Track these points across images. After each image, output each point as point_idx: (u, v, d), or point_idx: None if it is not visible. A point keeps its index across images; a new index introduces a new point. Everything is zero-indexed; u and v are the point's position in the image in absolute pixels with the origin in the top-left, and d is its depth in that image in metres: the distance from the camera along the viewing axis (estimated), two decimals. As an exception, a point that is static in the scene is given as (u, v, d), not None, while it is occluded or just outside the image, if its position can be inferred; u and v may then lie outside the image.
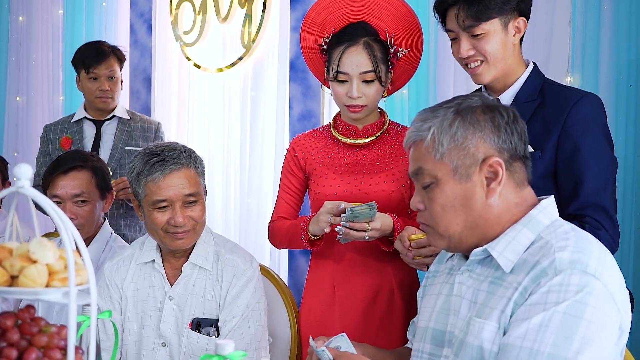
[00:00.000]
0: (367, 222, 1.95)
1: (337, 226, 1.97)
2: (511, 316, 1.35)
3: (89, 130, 3.31)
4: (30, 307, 1.09)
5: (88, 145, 3.27)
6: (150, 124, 3.39)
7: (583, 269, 1.31)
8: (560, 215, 1.49)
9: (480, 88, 2.04)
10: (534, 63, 1.99)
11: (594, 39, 2.64)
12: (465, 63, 1.95)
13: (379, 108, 2.22)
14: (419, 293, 1.69)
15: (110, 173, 2.80)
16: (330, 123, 2.26)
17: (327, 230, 2.02)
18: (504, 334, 1.36)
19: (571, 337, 1.28)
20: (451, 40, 1.97)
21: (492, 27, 1.88)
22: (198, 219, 2.04)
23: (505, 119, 1.43)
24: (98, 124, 3.30)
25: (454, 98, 1.52)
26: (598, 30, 2.63)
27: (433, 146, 1.44)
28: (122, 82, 3.34)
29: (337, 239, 2.03)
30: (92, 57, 3.24)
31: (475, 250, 1.45)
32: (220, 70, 3.78)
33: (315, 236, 2.09)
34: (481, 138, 1.42)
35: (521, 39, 1.95)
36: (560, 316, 1.29)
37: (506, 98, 1.94)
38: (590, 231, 1.67)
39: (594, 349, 1.28)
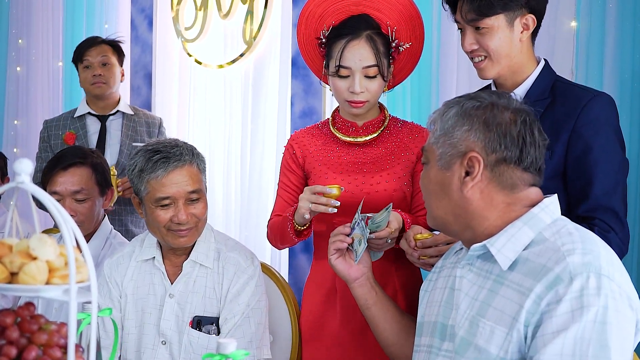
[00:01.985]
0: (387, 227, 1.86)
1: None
2: (525, 326, 1.33)
3: (93, 125, 3.29)
4: (30, 305, 1.07)
5: (93, 140, 3.26)
6: (154, 119, 3.40)
7: (597, 272, 1.30)
8: (569, 217, 1.47)
9: (490, 84, 2.02)
10: (545, 60, 1.94)
11: (598, 38, 2.62)
12: (471, 57, 1.92)
13: (379, 103, 2.18)
14: (424, 287, 1.66)
15: (113, 171, 2.79)
16: (328, 119, 2.21)
17: (307, 216, 1.93)
18: (524, 343, 1.34)
19: (607, 345, 1.27)
20: (460, 31, 1.94)
21: (496, 23, 1.83)
22: (200, 216, 2.02)
23: (497, 120, 1.42)
24: (102, 119, 3.29)
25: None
26: (602, 29, 2.61)
27: (432, 130, 1.50)
28: (122, 74, 3.32)
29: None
30: (84, 45, 3.29)
31: (474, 245, 1.45)
32: (222, 66, 3.76)
33: (303, 227, 2.03)
34: (468, 132, 1.43)
35: (534, 35, 1.91)
36: (592, 326, 1.27)
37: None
38: (599, 234, 1.65)
39: (623, 350, 1.29)
